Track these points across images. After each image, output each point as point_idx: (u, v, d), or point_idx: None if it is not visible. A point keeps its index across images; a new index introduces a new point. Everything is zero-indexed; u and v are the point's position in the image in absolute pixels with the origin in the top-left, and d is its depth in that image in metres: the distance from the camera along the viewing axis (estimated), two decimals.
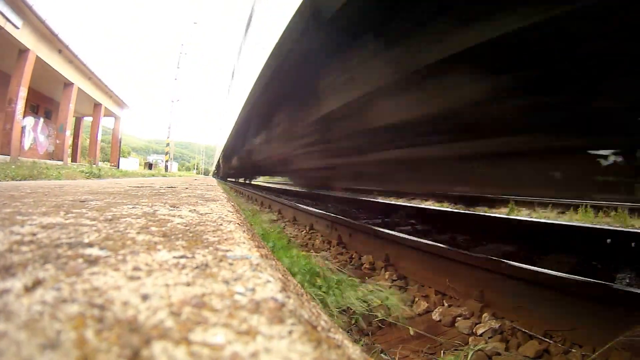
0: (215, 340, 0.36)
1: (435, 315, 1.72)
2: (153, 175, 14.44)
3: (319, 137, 3.89)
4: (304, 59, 3.27)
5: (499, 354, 1.36)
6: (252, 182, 19.26)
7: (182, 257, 0.64)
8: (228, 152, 14.62)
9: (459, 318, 1.67)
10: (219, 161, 22.70)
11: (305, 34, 2.83)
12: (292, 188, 11.23)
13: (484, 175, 2.23)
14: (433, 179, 2.77)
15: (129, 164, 35.78)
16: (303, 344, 0.38)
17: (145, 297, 0.44)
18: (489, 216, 4.06)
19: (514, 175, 2.05)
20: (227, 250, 0.71)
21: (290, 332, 0.40)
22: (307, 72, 3.45)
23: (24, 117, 13.92)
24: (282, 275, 0.70)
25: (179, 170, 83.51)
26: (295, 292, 0.64)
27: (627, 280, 2.05)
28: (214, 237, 0.85)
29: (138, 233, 0.84)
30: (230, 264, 0.62)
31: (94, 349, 0.32)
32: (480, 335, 1.52)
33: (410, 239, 2.39)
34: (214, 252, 0.69)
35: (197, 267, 0.58)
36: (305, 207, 4.95)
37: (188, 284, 0.50)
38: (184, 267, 0.58)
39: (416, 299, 1.90)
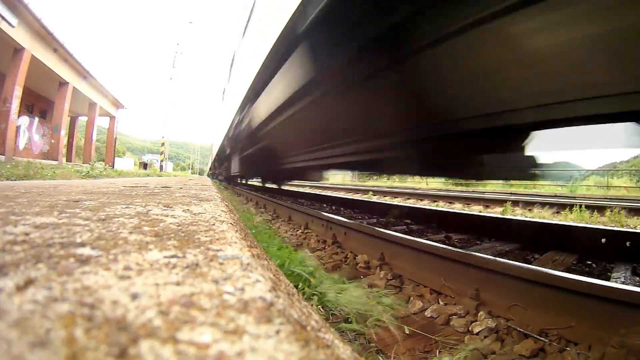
0: (202, 339, 0.36)
1: (428, 312, 1.73)
2: (148, 175, 14.40)
3: None
4: None
5: (494, 352, 1.37)
6: (248, 182, 19.18)
7: (173, 256, 0.65)
8: (223, 152, 14.51)
9: (453, 316, 1.68)
10: (214, 161, 22.54)
11: None
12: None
13: None
14: None
15: (124, 163, 35.55)
16: (290, 344, 0.39)
17: (134, 296, 0.45)
18: None
19: None
20: (218, 250, 0.72)
21: (277, 332, 0.41)
22: None
23: (18, 116, 13.84)
24: (273, 275, 0.70)
25: (174, 170, 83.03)
26: (286, 292, 0.64)
27: (622, 279, 2.08)
28: (206, 237, 0.85)
29: (130, 233, 0.84)
30: (221, 264, 0.62)
31: (82, 347, 0.33)
32: (477, 333, 1.54)
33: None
34: (205, 252, 0.69)
35: (187, 267, 0.59)
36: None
37: (178, 284, 0.51)
38: (174, 266, 0.59)
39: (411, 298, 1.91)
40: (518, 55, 1.82)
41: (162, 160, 31.13)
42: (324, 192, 11.38)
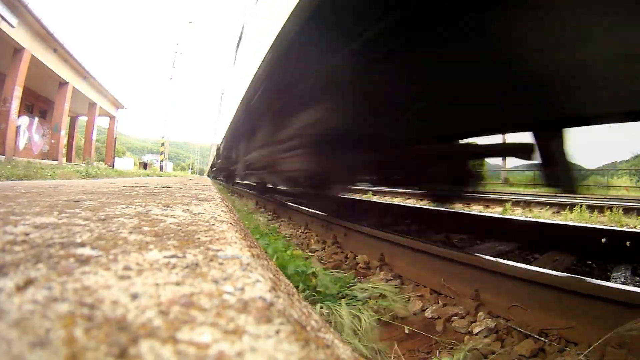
0: (202, 339, 0.36)
1: (428, 313, 1.73)
2: (148, 175, 14.39)
3: None
4: None
5: (494, 352, 1.36)
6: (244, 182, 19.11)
7: (173, 256, 0.64)
8: (222, 152, 14.47)
9: (454, 317, 1.68)
10: (213, 161, 22.51)
11: None
12: None
13: None
14: None
15: (124, 163, 35.52)
16: (290, 344, 0.39)
17: (134, 296, 0.45)
18: None
19: None
20: (218, 250, 0.72)
21: (277, 332, 0.41)
22: None
23: (18, 116, 13.84)
24: (273, 275, 0.70)
25: (173, 170, 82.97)
26: (286, 292, 0.64)
27: (622, 279, 2.07)
28: (206, 237, 0.85)
29: (130, 233, 0.84)
30: (221, 264, 0.62)
31: (82, 347, 0.33)
32: (476, 334, 1.53)
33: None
34: (205, 252, 0.69)
35: (187, 267, 0.59)
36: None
37: (178, 284, 0.51)
38: (174, 266, 0.58)
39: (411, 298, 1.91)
40: None
41: (162, 160, 31.13)
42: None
